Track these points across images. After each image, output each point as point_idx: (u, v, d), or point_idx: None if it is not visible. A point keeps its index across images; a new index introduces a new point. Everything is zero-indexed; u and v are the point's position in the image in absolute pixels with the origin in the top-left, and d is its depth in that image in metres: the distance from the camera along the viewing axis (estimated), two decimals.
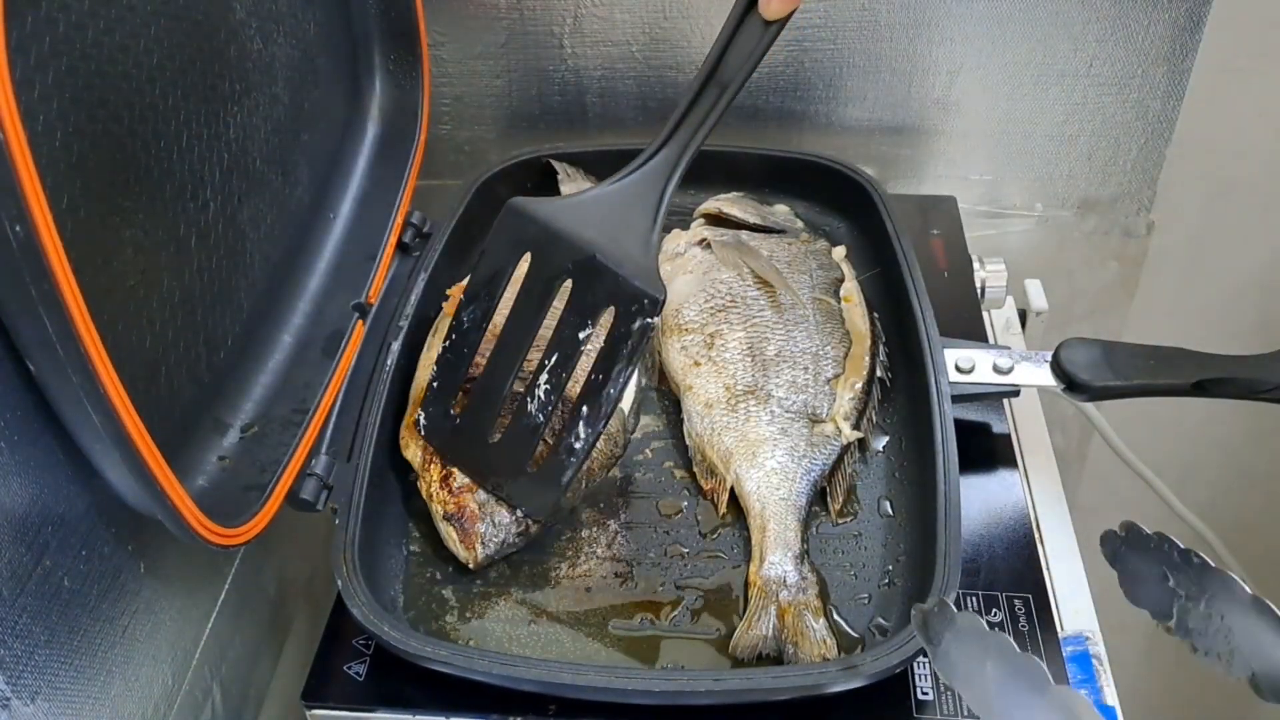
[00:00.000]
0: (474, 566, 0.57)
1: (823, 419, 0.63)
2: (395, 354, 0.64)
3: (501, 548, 0.58)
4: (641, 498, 0.63)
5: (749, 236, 0.73)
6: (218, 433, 0.56)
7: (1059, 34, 0.82)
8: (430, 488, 0.59)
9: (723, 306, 0.68)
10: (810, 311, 0.68)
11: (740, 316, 0.67)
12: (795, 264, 0.72)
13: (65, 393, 0.40)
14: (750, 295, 0.69)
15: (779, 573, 0.56)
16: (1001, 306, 0.82)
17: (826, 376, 0.65)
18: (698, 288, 0.70)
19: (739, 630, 0.55)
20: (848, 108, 0.87)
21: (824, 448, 0.62)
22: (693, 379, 0.65)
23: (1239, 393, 0.61)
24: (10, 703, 0.42)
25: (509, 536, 0.57)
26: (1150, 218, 0.93)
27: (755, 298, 0.69)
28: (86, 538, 0.46)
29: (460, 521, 0.57)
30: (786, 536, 0.58)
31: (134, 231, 0.47)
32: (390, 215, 0.71)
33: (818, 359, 0.66)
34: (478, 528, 0.57)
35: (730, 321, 0.67)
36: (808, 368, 0.65)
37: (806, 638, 0.54)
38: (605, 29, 0.83)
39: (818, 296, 0.70)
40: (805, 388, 0.64)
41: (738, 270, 0.70)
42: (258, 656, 0.67)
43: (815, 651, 0.53)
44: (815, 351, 0.66)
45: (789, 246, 0.73)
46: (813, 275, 0.71)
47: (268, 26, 0.60)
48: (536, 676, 0.51)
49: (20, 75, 0.36)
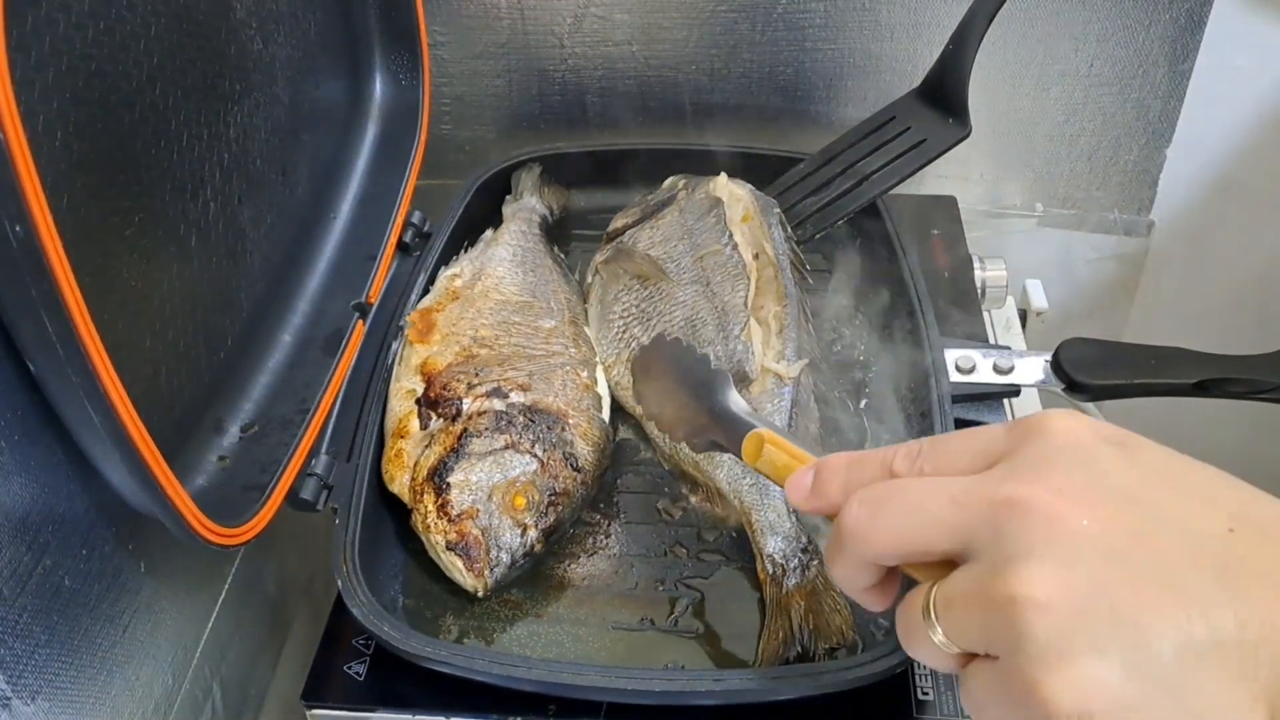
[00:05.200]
0: (483, 594, 0.55)
1: (753, 376, 0.60)
2: (395, 354, 0.65)
3: (510, 571, 0.56)
4: (641, 497, 0.63)
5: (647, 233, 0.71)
6: (218, 432, 0.56)
7: (1059, 34, 0.82)
8: (427, 518, 0.56)
9: (624, 326, 0.67)
10: (695, 275, 0.65)
11: (641, 326, 0.66)
12: (673, 234, 0.69)
13: (65, 393, 0.40)
14: (642, 298, 0.67)
15: (779, 560, 0.55)
16: (1001, 306, 0.82)
17: (737, 332, 0.62)
18: (602, 320, 0.69)
19: (761, 643, 0.54)
20: (848, 108, 0.87)
21: (769, 404, 0.59)
22: (638, 408, 0.64)
23: (1239, 392, 0.61)
24: (11, 702, 0.42)
25: (516, 558, 0.56)
26: (1150, 218, 0.93)
27: (647, 297, 0.67)
28: (87, 537, 0.46)
29: (466, 550, 0.55)
30: (771, 520, 0.56)
31: (134, 231, 0.47)
32: (390, 215, 0.71)
33: (722, 319, 0.63)
34: (485, 554, 0.55)
35: (635, 335, 0.66)
36: (712, 339, 0.63)
37: (821, 616, 0.53)
38: (605, 29, 0.83)
39: (705, 252, 0.67)
40: (723, 359, 0.62)
41: (624, 281, 0.68)
42: (258, 656, 0.67)
43: (835, 625, 0.52)
44: (718, 315, 0.63)
45: (670, 217, 0.70)
46: (692, 234, 0.68)
47: (268, 26, 0.60)
48: (536, 676, 0.51)
49: (20, 75, 0.36)
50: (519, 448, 0.58)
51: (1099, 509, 0.31)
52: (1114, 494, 0.32)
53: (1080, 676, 0.29)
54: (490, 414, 0.59)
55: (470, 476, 0.57)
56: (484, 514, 0.56)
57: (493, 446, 0.58)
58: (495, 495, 0.57)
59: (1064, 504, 0.31)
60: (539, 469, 0.58)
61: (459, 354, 0.63)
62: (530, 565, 0.57)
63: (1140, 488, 0.32)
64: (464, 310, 0.66)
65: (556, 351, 0.65)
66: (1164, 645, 0.29)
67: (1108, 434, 0.34)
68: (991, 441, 0.35)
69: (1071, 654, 0.30)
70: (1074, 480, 0.32)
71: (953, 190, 0.85)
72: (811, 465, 0.41)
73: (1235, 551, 0.30)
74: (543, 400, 0.61)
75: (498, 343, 0.64)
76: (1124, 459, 0.33)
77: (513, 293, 0.68)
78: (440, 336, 0.64)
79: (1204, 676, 0.29)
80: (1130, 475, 0.32)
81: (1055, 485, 0.32)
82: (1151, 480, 0.32)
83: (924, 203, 0.83)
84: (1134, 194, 0.91)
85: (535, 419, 0.60)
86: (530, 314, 0.67)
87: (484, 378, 0.61)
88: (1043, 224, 0.94)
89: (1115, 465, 0.33)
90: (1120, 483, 0.32)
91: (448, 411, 0.60)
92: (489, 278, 0.69)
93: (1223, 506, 0.32)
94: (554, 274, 0.72)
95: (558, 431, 0.60)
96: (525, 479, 0.57)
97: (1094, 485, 0.32)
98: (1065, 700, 0.29)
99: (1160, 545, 0.31)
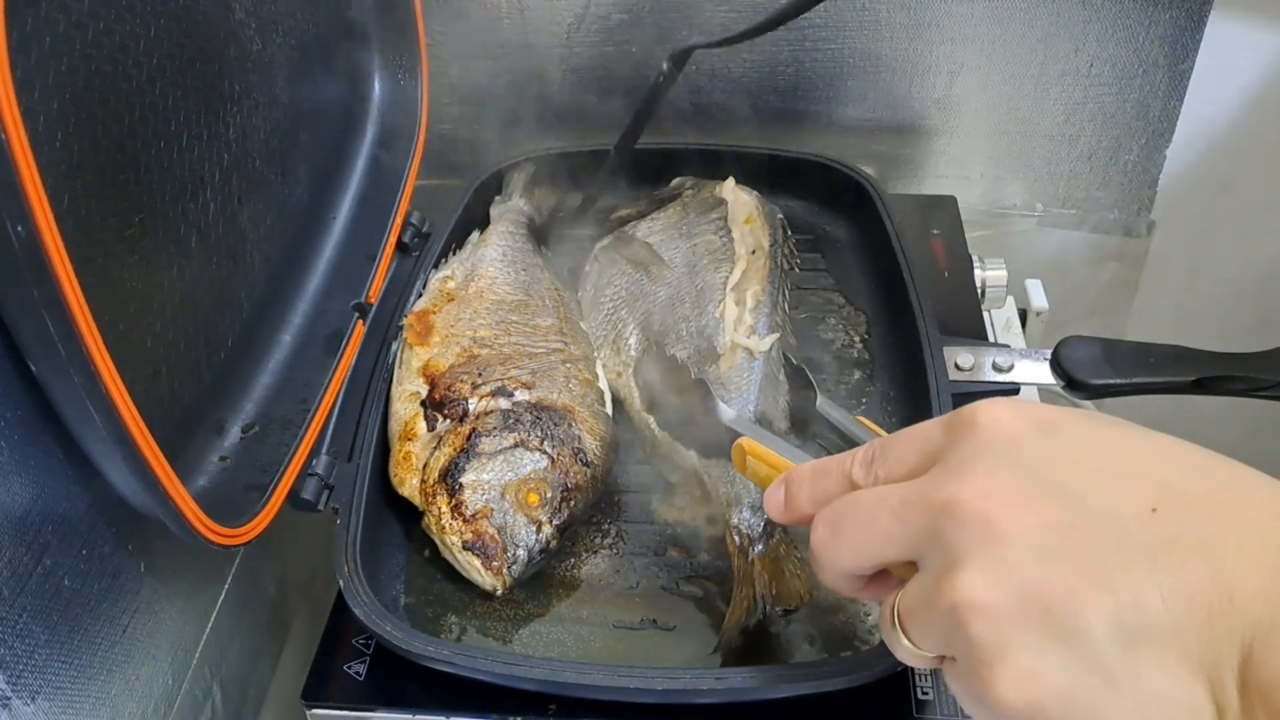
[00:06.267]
0: (501, 592, 0.55)
1: (721, 351, 0.62)
2: (395, 354, 0.65)
3: (526, 568, 0.56)
4: (642, 497, 0.63)
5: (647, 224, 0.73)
6: (219, 433, 0.56)
7: (1059, 34, 0.82)
8: (441, 519, 0.56)
9: (614, 308, 0.68)
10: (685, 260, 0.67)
11: (629, 308, 0.68)
12: (673, 225, 0.71)
13: (67, 393, 0.40)
14: (633, 282, 0.69)
15: (744, 530, 0.55)
16: (1001, 306, 0.82)
17: (711, 309, 0.63)
18: (594, 304, 0.70)
19: (728, 614, 0.54)
20: (848, 108, 0.87)
21: (739, 378, 0.60)
22: (623, 391, 0.65)
23: (1239, 390, 0.61)
24: (10, 702, 0.42)
25: (533, 555, 0.56)
26: (1150, 218, 0.93)
27: (638, 281, 0.69)
28: (87, 537, 0.46)
29: (483, 549, 0.55)
30: (737, 492, 0.56)
31: (134, 232, 0.47)
32: (390, 215, 0.71)
33: (700, 297, 0.65)
34: (502, 552, 0.55)
35: (622, 317, 0.68)
36: (687, 316, 0.64)
37: (782, 581, 0.53)
38: (605, 29, 0.83)
39: (698, 241, 0.69)
40: (694, 334, 0.63)
41: (619, 267, 0.70)
42: (258, 656, 0.67)
43: (794, 589, 0.53)
44: (695, 293, 0.65)
45: (673, 211, 0.73)
46: (691, 225, 0.70)
47: (267, 26, 0.60)
48: (538, 676, 0.51)
49: (20, 75, 0.36)
50: (528, 445, 0.58)
51: (1025, 505, 0.32)
52: (1039, 487, 0.33)
53: (1023, 674, 0.31)
54: (497, 413, 0.59)
55: (482, 476, 0.57)
56: (498, 512, 0.56)
57: (502, 445, 0.58)
58: (508, 493, 0.57)
59: (991, 504, 0.32)
60: (549, 465, 0.58)
61: (460, 355, 0.63)
62: (545, 561, 0.57)
63: (1065, 475, 0.33)
64: (461, 311, 0.66)
65: (556, 349, 0.65)
66: (1098, 634, 0.30)
67: (1037, 418, 0.35)
68: (929, 440, 0.37)
69: (1013, 653, 0.31)
70: (998, 479, 0.33)
71: (953, 190, 0.85)
72: (781, 480, 0.42)
73: (1159, 532, 0.31)
74: (547, 397, 0.61)
75: (498, 342, 0.64)
76: (1048, 447, 0.34)
77: (507, 292, 0.69)
78: (440, 338, 0.64)
79: (1140, 660, 0.30)
80: (1055, 464, 0.33)
81: (981, 487, 0.33)
82: (1076, 466, 0.33)
83: (924, 203, 0.83)
84: (1134, 194, 0.91)
85: (542, 416, 0.60)
86: (527, 313, 0.67)
87: (487, 377, 0.61)
88: (1043, 224, 0.94)
89: (1039, 455, 0.33)
90: (1045, 475, 0.33)
91: (454, 412, 0.60)
92: (481, 279, 0.69)
93: (1147, 484, 0.32)
94: (544, 273, 0.72)
95: (565, 428, 0.60)
96: (537, 476, 0.58)
97: (1019, 480, 0.33)
98: (1013, 697, 0.31)
99: (1085, 534, 0.31)
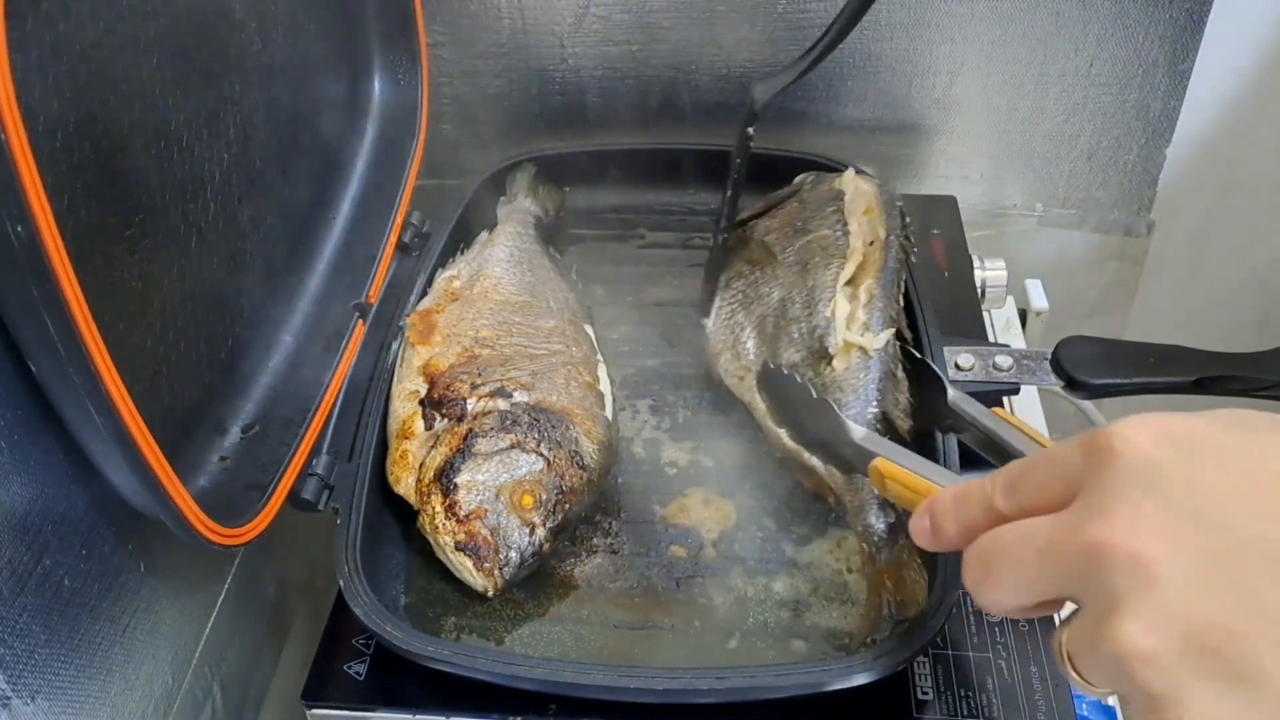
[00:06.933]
0: (493, 594, 0.55)
1: (833, 351, 0.60)
2: (395, 354, 0.65)
3: (519, 570, 0.56)
4: (642, 496, 0.63)
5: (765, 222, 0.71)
6: (219, 433, 0.56)
7: (1059, 34, 0.82)
8: (435, 519, 0.56)
9: (730, 312, 0.68)
10: (798, 258, 0.66)
11: (745, 311, 0.67)
12: (788, 221, 0.69)
13: (67, 393, 0.40)
14: (748, 284, 0.68)
15: (872, 538, 0.54)
16: (1001, 306, 0.82)
17: (823, 308, 0.62)
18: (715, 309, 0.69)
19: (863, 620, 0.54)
20: (848, 108, 0.87)
21: (855, 379, 0.58)
22: (745, 394, 0.63)
23: (1239, 390, 0.60)
24: (10, 701, 0.42)
25: (525, 557, 0.56)
26: (1150, 218, 0.93)
27: (752, 282, 0.68)
28: (87, 537, 0.46)
29: (475, 550, 0.55)
30: (862, 499, 0.55)
31: (134, 232, 0.47)
32: (390, 215, 0.71)
33: (811, 296, 0.63)
34: (494, 553, 0.55)
35: (740, 322, 0.67)
36: (798, 317, 0.63)
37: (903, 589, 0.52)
38: (605, 29, 0.83)
39: (813, 236, 0.67)
40: (805, 335, 0.62)
41: (737, 268, 0.69)
42: (258, 656, 0.67)
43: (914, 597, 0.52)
44: (807, 292, 0.63)
45: (790, 207, 0.71)
46: (807, 222, 0.68)
47: (267, 26, 0.60)
48: (538, 675, 0.51)
49: (20, 75, 0.36)
50: (525, 447, 0.58)
51: (1174, 540, 0.31)
52: (1186, 518, 0.32)
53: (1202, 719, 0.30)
54: (495, 414, 0.59)
55: (477, 476, 0.57)
56: (492, 514, 0.56)
57: (499, 446, 0.58)
58: (503, 495, 0.57)
59: (1140, 543, 0.32)
60: (545, 468, 0.58)
61: (461, 354, 0.63)
62: (538, 564, 0.57)
63: (1211, 501, 0.32)
64: (464, 311, 0.66)
65: (558, 351, 0.65)
66: (1270, 670, 0.29)
67: (1175, 438, 0.34)
68: (1070, 466, 0.36)
69: (1187, 702, 0.30)
70: (1143, 514, 0.32)
71: (953, 190, 0.85)
72: (925, 507, 0.42)
73: None
74: (546, 399, 0.61)
75: (499, 343, 0.64)
76: (1191, 471, 0.33)
77: (512, 293, 0.68)
78: (441, 338, 0.64)
79: None
80: (1199, 490, 0.32)
81: (1127, 526, 0.32)
82: (1221, 489, 0.32)
83: (924, 203, 0.83)
84: (1134, 194, 0.91)
85: (540, 418, 0.60)
86: (530, 314, 0.67)
87: (487, 378, 0.61)
88: (1043, 224, 0.94)
89: (1183, 482, 0.33)
90: (1191, 503, 0.32)
91: (452, 412, 0.60)
92: (487, 279, 0.69)
93: None
94: (551, 274, 0.72)
95: (562, 430, 0.60)
96: (532, 478, 0.57)
97: (1164, 513, 0.32)
98: None
99: (1240, 564, 0.31)
